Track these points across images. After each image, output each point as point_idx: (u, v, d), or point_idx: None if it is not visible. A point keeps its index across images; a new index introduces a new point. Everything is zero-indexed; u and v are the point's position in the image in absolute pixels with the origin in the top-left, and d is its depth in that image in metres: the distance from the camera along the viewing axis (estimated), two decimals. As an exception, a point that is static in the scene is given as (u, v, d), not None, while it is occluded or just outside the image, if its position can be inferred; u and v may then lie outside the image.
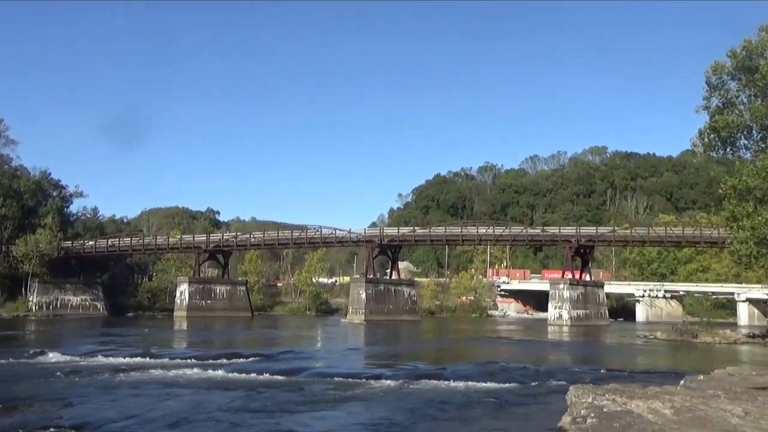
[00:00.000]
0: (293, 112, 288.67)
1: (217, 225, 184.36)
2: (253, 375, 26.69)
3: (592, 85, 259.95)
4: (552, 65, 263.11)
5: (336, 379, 25.70)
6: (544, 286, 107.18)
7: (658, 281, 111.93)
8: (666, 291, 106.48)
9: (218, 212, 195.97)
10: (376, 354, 38.69)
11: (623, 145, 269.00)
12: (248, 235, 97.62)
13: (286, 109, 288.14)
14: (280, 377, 26.19)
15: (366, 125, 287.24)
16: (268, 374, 26.70)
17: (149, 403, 20.70)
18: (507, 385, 24.66)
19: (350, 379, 25.51)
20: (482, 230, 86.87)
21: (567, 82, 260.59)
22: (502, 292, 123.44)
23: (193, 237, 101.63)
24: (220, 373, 27.10)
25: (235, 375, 26.70)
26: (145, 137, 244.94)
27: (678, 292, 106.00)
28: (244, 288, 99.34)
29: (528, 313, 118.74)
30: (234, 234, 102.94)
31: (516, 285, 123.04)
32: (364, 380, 25.43)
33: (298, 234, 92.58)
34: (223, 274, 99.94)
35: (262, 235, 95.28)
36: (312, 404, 20.99)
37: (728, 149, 40.40)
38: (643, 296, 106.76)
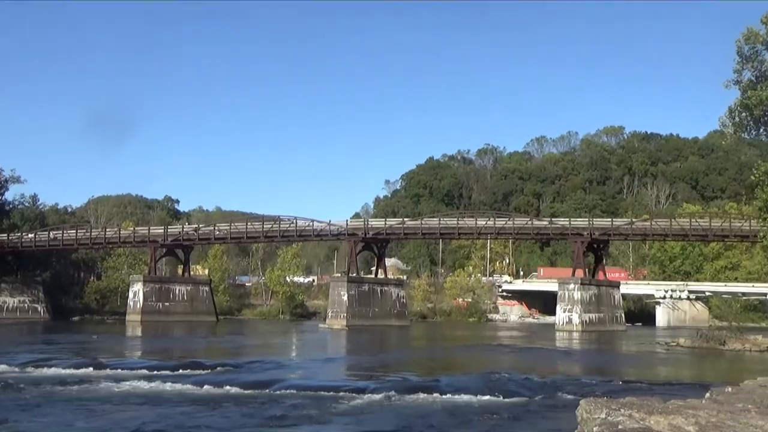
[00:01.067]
0: (264, 89, 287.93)
1: (176, 216, 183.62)
2: (217, 388, 26.61)
3: (606, 57, 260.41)
4: (560, 35, 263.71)
5: (313, 392, 25.69)
6: (551, 286, 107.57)
7: (681, 280, 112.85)
8: (690, 291, 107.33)
9: (177, 201, 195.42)
10: (359, 364, 38.72)
11: (642, 125, 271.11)
12: (212, 228, 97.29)
13: (257, 85, 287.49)
14: (248, 391, 26.14)
15: (348, 103, 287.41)
16: (235, 387, 26.64)
17: (97, 422, 20.59)
18: (509, 399, 24.76)
19: (329, 393, 25.50)
20: (481, 222, 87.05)
21: (578, 53, 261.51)
22: (504, 293, 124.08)
23: (149, 229, 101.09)
24: (179, 386, 26.99)
25: (197, 388, 26.61)
26: (93, 117, 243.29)
27: (704, 292, 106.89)
28: (207, 288, 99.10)
29: (533, 317, 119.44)
30: (196, 226, 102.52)
31: (520, 285, 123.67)
32: (345, 394, 25.44)
33: (269, 226, 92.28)
34: (183, 273, 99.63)
35: (228, 228, 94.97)
36: (285, 421, 20.97)
37: (762, 129, 40.41)
38: (665, 297, 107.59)
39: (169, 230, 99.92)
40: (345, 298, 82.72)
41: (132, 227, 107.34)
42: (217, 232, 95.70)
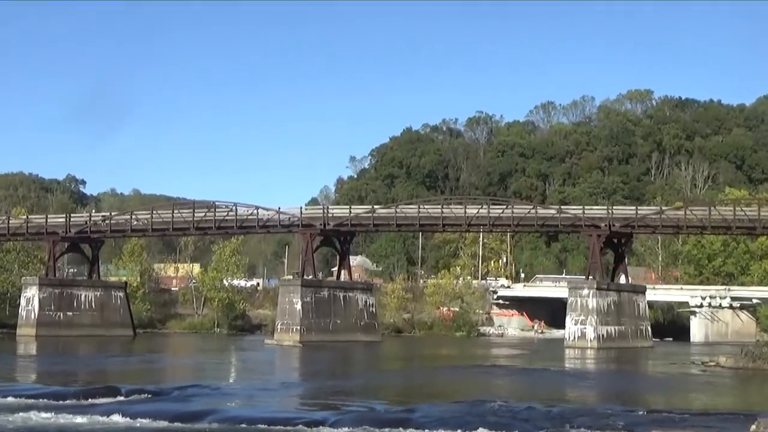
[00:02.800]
0: (195, 47, 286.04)
1: (81, 201, 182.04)
2: (136, 420, 26.50)
3: (630, 5, 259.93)
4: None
5: (258, 426, 25.72)
6: (560, 291, 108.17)
7: (722, 284, 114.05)
8: (733, 299, 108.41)
9: (83, 182, 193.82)
10: (315, 391, 38.75)
11: (675, 89, 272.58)
12: (128, 216, 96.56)
13: (186, 42, 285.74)
14: (174, 424, 26.08)
15: (301, 62, 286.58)
16: (158, 420, 26.53)
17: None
18: (505, 434, 24.96)
19: (277, 427, 25.54)
20: (472, 211, 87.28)
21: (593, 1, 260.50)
22: (501, 301, 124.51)
23: (46, 218, 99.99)
24: (86, 419, 26.84)
25: (109, 420, 26.50)
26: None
27: (750, 300, 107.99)
28: (122, 294, 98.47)
29: (537, 331, 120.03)
30: (107, 214, 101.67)
31: (520, 290, 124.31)
32: (298, 428, 25.50)
33: (202, 215, 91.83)
34: (91, 274, 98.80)
35: (149, 216, 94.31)
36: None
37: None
38: (702, 306, 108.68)
39: (72, 219, 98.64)
40: (298, 306, 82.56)
41: (24, 215, 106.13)
42: (135, 222, 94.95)
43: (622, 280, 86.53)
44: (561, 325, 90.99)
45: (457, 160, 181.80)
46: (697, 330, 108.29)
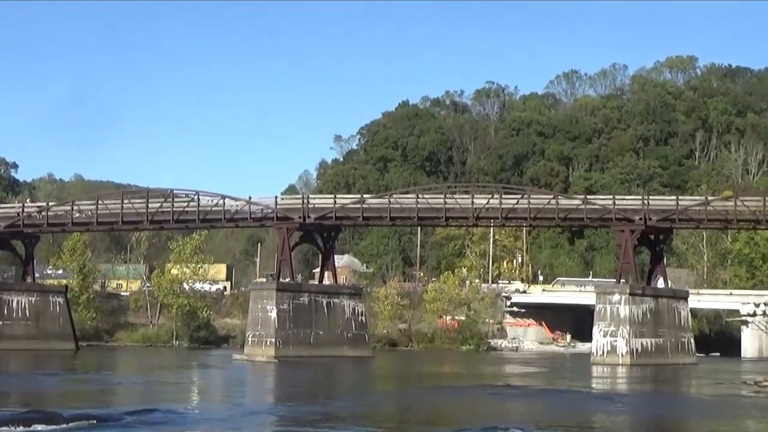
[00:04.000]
0: (151, 18, 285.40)
1: (12, 188, 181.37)
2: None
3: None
4: None
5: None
6: (585, 297, 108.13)
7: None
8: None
9: (15, 165, 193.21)
10: (293, 417, 38.68)
11: (723, 56, 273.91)
12: (69, 207, 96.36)
13: (142, 13, 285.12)
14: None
15: (278, 30, 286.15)
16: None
17: None
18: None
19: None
20: (481, 201, 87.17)
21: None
22: (515, 308, 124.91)
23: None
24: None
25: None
26: None
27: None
28: (61, 300, 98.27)
29: (558, 344, 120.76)
30: (43, 204, 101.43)
31: (538, 296, 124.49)
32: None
33: (157, 205, 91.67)
34: (24, 276, 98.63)
35: (93, 207, 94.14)
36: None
37: None
38: (755, 314, 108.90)
39: (1, 210, 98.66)
40: (273, 315, 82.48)
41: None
42: (77, 214, 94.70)
43: (660, 283, 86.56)
44: (587, 337, 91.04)
45: (462, 140, 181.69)
46: (750, 343, 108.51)
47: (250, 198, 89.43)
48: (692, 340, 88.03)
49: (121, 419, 33.70)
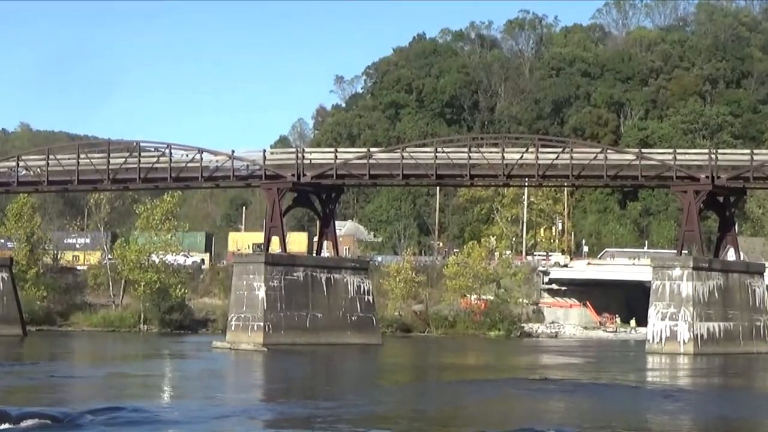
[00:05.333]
0: None
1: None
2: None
3: None
4: None
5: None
6: (640, 272, 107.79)
7: None
8: None
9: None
10: (285, 417, 38.68)
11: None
12: (13, 163, 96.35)
13: None
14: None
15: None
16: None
17: None
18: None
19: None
20: (513, 155, 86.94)
21: None
22: (554, 286, 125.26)
23: None
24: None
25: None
26: None
27: None
28: (5, 275, 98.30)
29: (606, 328, 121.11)
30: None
31: (582, 270, 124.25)
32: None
33: (121, 161, 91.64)
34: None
35: (43, 163, 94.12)
36: None
37: None
38: None
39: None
40: (261, 294, 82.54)
41: None
42: (24, 171, 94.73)
43: (731, 255, 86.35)
44: (641, 320, 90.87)
45: (491, 81, 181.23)
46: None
47: (233, 152, 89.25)
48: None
49: (80, 419, 33.69)
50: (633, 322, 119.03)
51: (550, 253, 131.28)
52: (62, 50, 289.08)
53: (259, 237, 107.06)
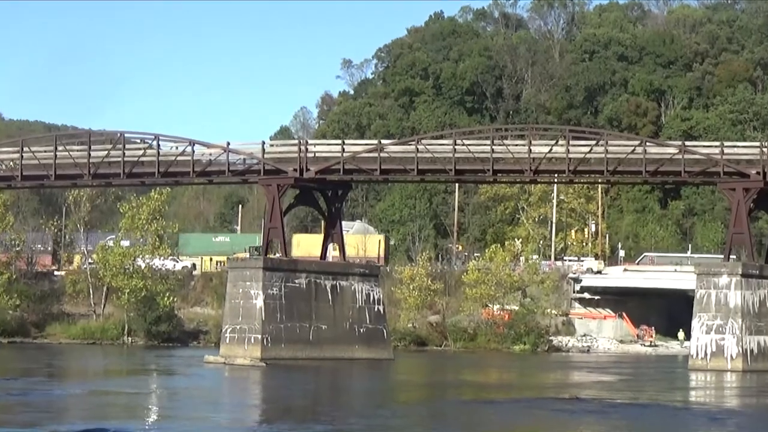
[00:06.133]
0: None
1: None
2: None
3: None
4: None
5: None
6: (683, 280, 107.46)
7: None
8: None
9: None
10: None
11: None
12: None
13: None
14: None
15: None
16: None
17: None
18: None
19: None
20: (541, 149, 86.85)
21: None
22: (586, 295, 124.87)
23: None
24: None
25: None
26: None
27: None
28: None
29: (645, 342, 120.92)
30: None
31: (618, 277, 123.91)
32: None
33: (103, 154, 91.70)
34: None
35: (17, 156, 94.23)
36: None
37: None
38: None
39: None
40: (259, 302, 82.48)
41: None
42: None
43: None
44: (684, 333, 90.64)
45: (516, 66, 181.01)
46: None
47: (228, 144, 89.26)
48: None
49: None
50: (681, 335, 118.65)
51: (582, 258, 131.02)
52: (50, 40, 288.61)
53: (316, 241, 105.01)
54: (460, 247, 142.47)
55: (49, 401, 51.65)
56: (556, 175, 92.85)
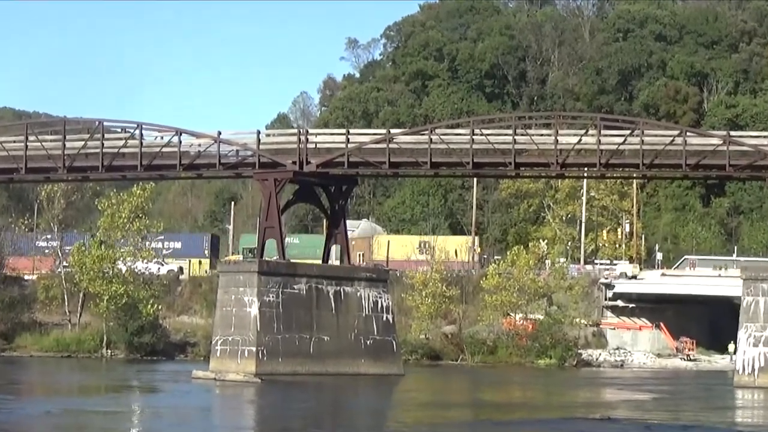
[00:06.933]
0: None
1: None
2: None
3: None
4: None
5: None
6: (727, 286, 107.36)
7: None
8: None
9: None
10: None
11: None
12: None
13: None
14: None
15: None
16: None
17: None
18: None
19: None
20: (569, 138, 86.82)
21: None
22: (620, 302, 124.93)
23: None
24: None
25: None
26: None
27: None
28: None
29: (685, 355, 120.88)
30: None
31: (655, 283, 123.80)
32: None
33: (80, 144, 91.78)
34: None
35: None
36: None
37: None
38: None
39: None
40: (254, 311, 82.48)
41: None
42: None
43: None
44: (728, 345, 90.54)
45: (541, 46, 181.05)
46: None
47: (219, 134, 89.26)
48: None
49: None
50: (732, 347, 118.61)
51: (614, 262, 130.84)
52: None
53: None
54: (479, 249, 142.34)
55: (17, 422, 51.61)
56: (585, 168, 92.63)
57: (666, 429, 53.39)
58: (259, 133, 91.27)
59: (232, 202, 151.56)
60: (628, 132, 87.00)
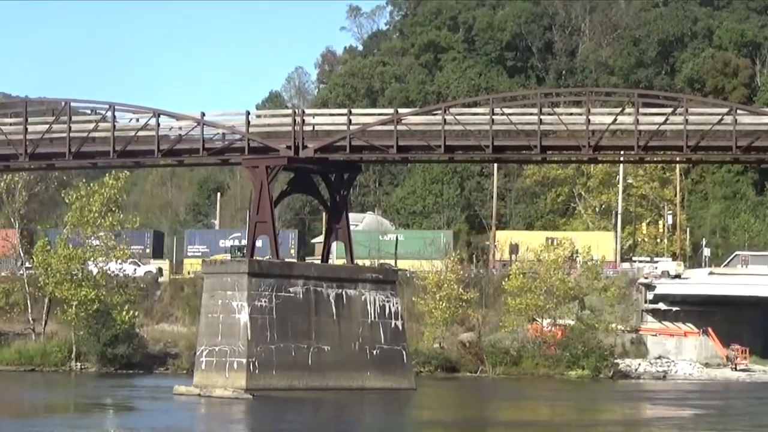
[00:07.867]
0: None
1: None
2: None
3: None
4: None
5: None
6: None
7: None
8: None
9: None
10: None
11: None
12: None
13: None
14: None
15: None
16: None
17: None
18: None
19: None
20: (602, 118, 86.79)
21: None
22: (661, 305, 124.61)
23: None
24: None
25: None
26: None
27: None
28: None
29: (735, 365, 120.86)
30: None
31: (702, 282, 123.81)
32: None
33: (44, 128, 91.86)
34: None
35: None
36: None
37: None
38: None
39: None
40: (244, 317, 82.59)
41: None
42: None
43: None
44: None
45: (570, 13, 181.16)
46: None
47: (203, 115, 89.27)
48: None
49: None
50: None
51: (655, 259, 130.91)
52: None
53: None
54: (496, 246, 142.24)
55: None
56: (622, 152, 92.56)
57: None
58: (248, 114, 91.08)
59: (218, 194, 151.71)
60: (670, 110, 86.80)
